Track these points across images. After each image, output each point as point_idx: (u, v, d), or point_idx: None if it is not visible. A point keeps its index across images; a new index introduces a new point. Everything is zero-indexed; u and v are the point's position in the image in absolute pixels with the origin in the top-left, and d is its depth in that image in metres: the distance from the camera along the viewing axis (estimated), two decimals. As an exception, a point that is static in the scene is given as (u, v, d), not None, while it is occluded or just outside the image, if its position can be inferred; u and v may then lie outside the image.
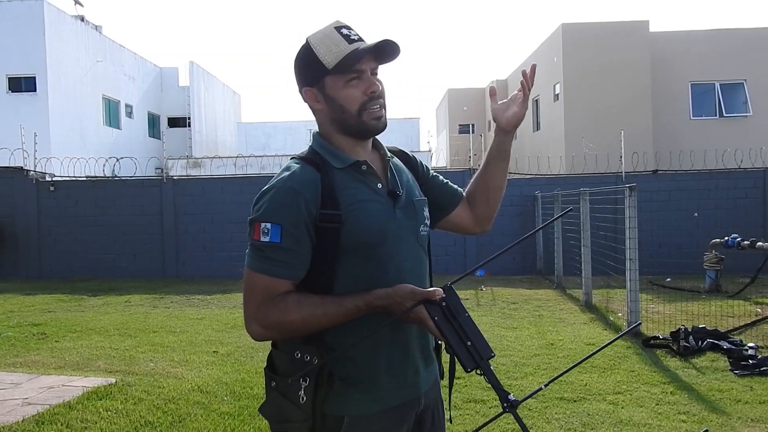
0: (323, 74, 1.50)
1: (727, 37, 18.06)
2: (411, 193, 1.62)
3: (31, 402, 4.44)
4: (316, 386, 1.41)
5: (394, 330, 1.50)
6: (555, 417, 4.10)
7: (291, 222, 1.42)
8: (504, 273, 11.46)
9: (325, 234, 1.45)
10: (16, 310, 8.65)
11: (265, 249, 1.43)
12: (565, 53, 17.92)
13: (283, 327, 1.42)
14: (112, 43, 24.93)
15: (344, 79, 1.49)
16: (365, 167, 1.54)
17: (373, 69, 1.52)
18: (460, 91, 29.49)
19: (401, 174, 1.64)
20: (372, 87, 1.50)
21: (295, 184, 1.45)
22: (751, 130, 17.13)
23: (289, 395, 1.44)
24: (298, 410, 1.42)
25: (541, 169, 12.22)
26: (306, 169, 1.49)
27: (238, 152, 25.26)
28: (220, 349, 6.11)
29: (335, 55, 1.47)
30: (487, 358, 1.36)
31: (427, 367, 1.62)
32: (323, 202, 1.44)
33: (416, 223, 1.60)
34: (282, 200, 1.44)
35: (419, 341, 1.57)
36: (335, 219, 1.44)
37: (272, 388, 1.49)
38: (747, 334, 6.33)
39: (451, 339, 1.35)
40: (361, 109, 1.50)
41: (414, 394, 1.56)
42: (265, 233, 1.43)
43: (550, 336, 6.39)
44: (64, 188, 12.47)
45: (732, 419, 4.02)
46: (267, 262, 1.43)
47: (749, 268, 8.98)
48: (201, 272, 12.10)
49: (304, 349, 1.43)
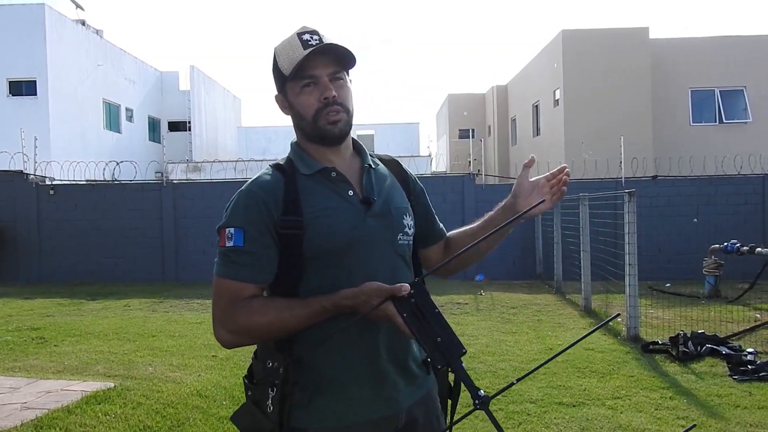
0: (284, 81, 1.50)
1: (727, 44, 18.12)
2: (390, 201, 1.57)
3: (29, 406, 4.44)
4: (282, 395, 1.40)
5: (361, 341, 1.46)
6: (554, 422, 4.10)
7: (253, 225, 1.42)
8: (503, 278, 11.46)
9: (287, 241, 1.43)
10: (15, 314, 8.65)
11: (230, 254, 1.43)
12: (566, 59, 17.96)
13: (249, 330, 1.40)
14: (113, 47, 24.99)
15: (299, 85, 1.48)
16: (335, 174, 1.51)
17: (332, 74, 1.48)
18: (461, 96, 29.52)
19: (382, 182, 1.59)
20: (326, 93, 1.46)
21: (256, 188, 1.46)
22: (750, 136, 17.16)
23: (260, 404, 1.43)
24: (266, 420, 1.41)
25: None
26: (272, 175, 1.49)
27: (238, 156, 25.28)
28: (219, 353, 6.11)
29: (291, 62, 1.46)
30: (458, 355, 1.30)
31: (410, 382, 1.54)
32: (285, 208, 1.43)
33: (393, 232, 1.53)
34: (243, 204, 1.44)
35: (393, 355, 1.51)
36: (296, 225, 1.42)
37: (248, 396, 1.48)
38: (746, 339, 6.33)
39: (420, 335, 1.31)
40: (316, 115, 1.48)
41: (390, 410, 1.49)
42: (230, 238, 1.43)
43: (549, 341, 6.39)
44: (64, 192, 12.48)
45: (731, 424, 4.02)
46: (232, 267, 1.43)
47: (748, 273, 8.98)
48: (200, 276, 12.08)
49: (274, 357, 1.42)
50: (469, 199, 12.00)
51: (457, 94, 29.77)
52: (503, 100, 25.47)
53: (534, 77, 21.28)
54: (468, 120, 28.01)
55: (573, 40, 17.99)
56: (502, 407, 4.32)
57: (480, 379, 5.03)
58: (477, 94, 28.88)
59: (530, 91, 21.75)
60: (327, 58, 1.46)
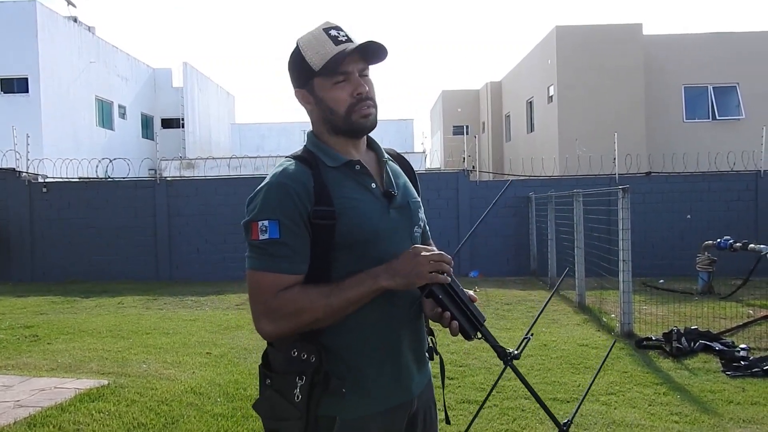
0: (311, 76, 1.51)
1: (721, 41, 18.16)
2: (407, 194, 1.63)
3: (23, 404, 4.42)
4: (312, 385, 1.41)
5: (385, 333, 1.50)
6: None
7: (288, 216, 1.43)
8: (498, 274, 11.49)
9: (318, 231, 1.45)
10: (8, 312, 8.61)
11: (266, 246, 1.43)
12: (559, 56, 17.97)
13: (293, 317, 1.41)
14: (105, 44, 24.84)
15: (331, 81, 1.50)
16: (359, 167, 1.54)
17: (362, 70, 1.52)
18: (455, 92, 29.52)
19: (398, 177, 1.64)
20: (359, 89, 1.50)
21: (287, 180, 1.46)
22: (743, 133, 17.20)
23: (285, 393, 1.44)
24: (292, 408, 1.42)
25: (535, 170, 12.25)
26: (298, 166, 1.50)
27: (231, 153, 25.20)
28: (213, 350, 6.10)
29: (321, 57, 1.48)
30: (483, 322, 1.49)
31: (420, 370, 1.62)
32: (316, 199, 1.45)
33: (411, 224, 1.60)
34: (276, 197, 1.44)
35: (412, 344, 1.58)
36: (329, 215, 1.44)
37: (267, 385, 1.49)
38: (739, 335, 6.37)
39: (457, 312, 1.45)
40: (349, 110, 1.51)
41: (406, 397, 1.56)
42: (264, 231, 1.42)
43: (543, 337, 6.41)
44: (56, 190, 12.41)
45: (724, 420, 4.04)
46: (270, 260, 1.43)
47: (741, 270, 9.02)
48: (194, 274, 12.06)
49: (301, 347, 1.43)
50: (464, 196, 12.02)
51: (451, 91, 29.76)
52: (497, 96, 25.47)
53: (528, 74, 21.29)
54: (462, 116, 28.01)
55: (567, 36, 17.99)
56: (496, 403, 4.33)
57: (474, 375, 5.03)
58: (471, 91, 28.88)
59: (524, 88, 21.76)
60: (358, 55, 1.49)
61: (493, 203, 1.52)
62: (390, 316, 1.50)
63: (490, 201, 12.10)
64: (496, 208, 12.02)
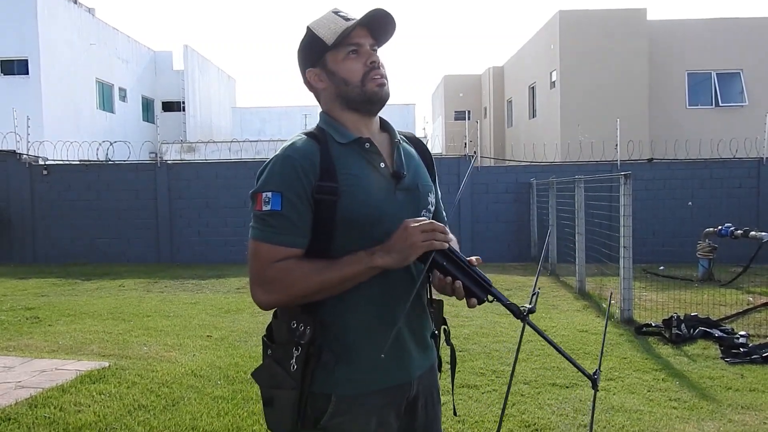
0: (324, 51, 1.54)
1: (725, 27, 18.02)
2: (417, 177, 1.62)
3: (24, 385, 4.44)
4: (307, 356, 1.44)
5: (383, 308, 1.51)
6: (547, 402, 4.12)
7: (291, 190, 1.44)
8: (498, 260, 11.48)
9: (321, 206, 1.46)
10: (9, 294, 8.63)
11: (267, 218, 1.45)
12: (562, 40, 17.84)
13: (286, 289, 1.43)
14: (106, 26, 24.68)
15: (344, 53, 1.53)
16: (368, 145, 1.54)
17: (372, 44, 1.55)
18: (457, 77, 29.37)
19: (410, 159, 1.64)
20: (371, 57, 1.53)
21: (294, 153, 1.48)
22: (746, 119, 17.12)
23: (282, 362, 1.46)
24: (288, 378, 1.45)
25: (537, 156, 12.20)
26: (307, 141, 1.51)
27: (232, 137, 25.17)
28: (213, 333, 6.11)
29: (333, 32, 1.51)
30: (490, 284, 1.47)
31: (422, 353, 1.61)
32: (321, 174, 1.46)
33: (417, 207, 1.58)
34: (280, 169, 1.46)
35: (412, 324, 1.57)
36: (332, 191, 1.45)
37: (268, 355, 1.52)
38: (738, 322, 6.37)
39: (463, 276, 1.43)
40: (363, 78, 1.53)
41: (404, 378, 1.56)
42: (266, 202, 1.45)
43: (543, 323, 6.42)
44: (57, 172, 12.40)
45: (722, 406, 4.05)
46: (270, 230, 1.45)
47: (742, 257, 9.02)
48: (195, 257, 12.08)
49: (299, 319, 1.46)
50: (465, 181, 11.99)
51: (453, 75, 29.62)
52: (499, 81, 25.34)
53: (530, 58, 21.15)
54: (464, 101, 27.90)
55: (570, 20, 17.85)
56: (496, 388, 4.34)
57: (474, 360, 5.05)
58: (473, 76, 28.73)
59: (526, 73, 21.63)
60: (366, 30, 1.53)
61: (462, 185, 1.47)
62: (389, 295, 1.50)
63: (491, 186, 12.09)
64: (497, 194, 12.01)
